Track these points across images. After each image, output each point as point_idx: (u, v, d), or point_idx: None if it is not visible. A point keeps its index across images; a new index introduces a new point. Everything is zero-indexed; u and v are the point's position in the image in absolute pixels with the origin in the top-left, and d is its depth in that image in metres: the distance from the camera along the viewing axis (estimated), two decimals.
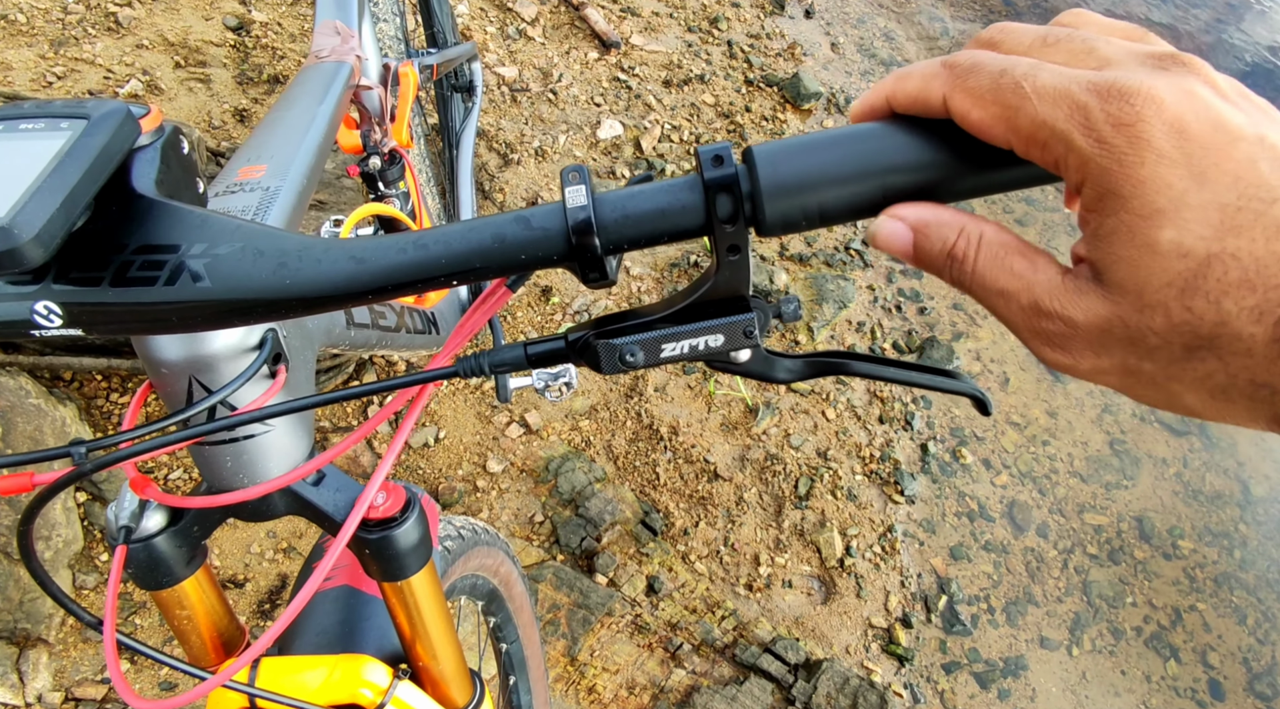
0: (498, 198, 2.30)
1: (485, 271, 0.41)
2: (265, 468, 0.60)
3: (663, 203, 0.40)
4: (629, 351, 0.41)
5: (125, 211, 0.45)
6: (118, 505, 0.61)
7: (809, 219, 0.40)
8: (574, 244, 0.40)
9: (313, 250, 0.42)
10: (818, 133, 0.40)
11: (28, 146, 0.42)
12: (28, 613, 1.39)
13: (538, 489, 1.87)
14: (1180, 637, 2.09)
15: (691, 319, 0.41)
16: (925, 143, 0.39)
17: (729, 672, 1.69)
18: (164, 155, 0.47)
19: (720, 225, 0.40)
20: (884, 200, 0.40)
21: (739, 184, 0.39)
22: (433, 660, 0.71)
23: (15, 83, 1.94)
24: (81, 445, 0.47)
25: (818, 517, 2.01)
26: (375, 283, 0.40)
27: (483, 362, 0.44)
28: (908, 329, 2.45)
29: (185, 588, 0.65)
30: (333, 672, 0.66)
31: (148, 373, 0.55)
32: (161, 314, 0.43)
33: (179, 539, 0.63)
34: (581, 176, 0.40)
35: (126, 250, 0.44)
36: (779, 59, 3.00)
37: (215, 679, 0.53)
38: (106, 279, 0.43)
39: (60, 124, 0.43)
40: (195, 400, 0.55)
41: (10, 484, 0.45)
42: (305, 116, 0.83)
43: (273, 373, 0.58)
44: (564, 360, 0.43)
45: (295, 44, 2.39)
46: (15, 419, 1.41)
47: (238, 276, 0.42)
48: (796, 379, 0.44)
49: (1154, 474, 2.34)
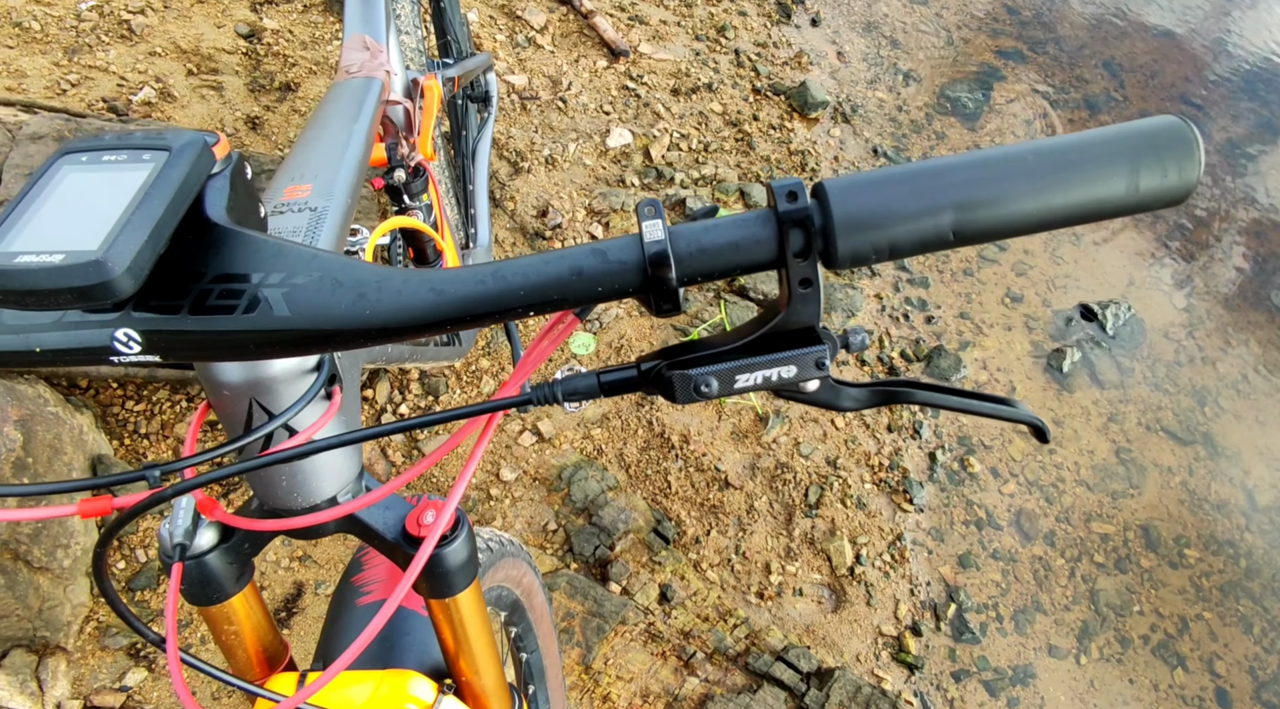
0: (508, 206, 2.31)
1: (562, 303, 0.42)
2: (319, 487, 0.61)
3: (736, 236, 0.41)
4: (704, 382, 0.42)
5: (201, 240, 0.45)
6: (171, 523, 0.61)
7: (879, 253, 0.41)
8: (650, 276, 0.41)
9: (391, 281, 0.42)
10: (888, 168, 0.41)
11: (112, 178, 0.43)
12: (46, 621, 1.39)
13: (551, 497, 1.87)
14: (1187, 645, 2.10)
15: (763, 350, 0.42)
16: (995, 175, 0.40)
17: (742, 680, 1.70)
18: (233, 183, 0.48)
19: (793, 259, 0.41)
20: (954, 237, 0.41)
21: (812, 219, 0.40)
22: (475, 676, 0.71)
23: (30, 90, 1.94)
24: (156, 469, 0.47)
25: (828, 525, 2.02)
26: (455, 314, 0.41)
27: (556, 390, 0.44)
28: (915, 338, 2.46)
29: (234, 604, 0.66)
30: (379, 687, 0.67)
31: (208, 394, 0.56)
32: (239, 342, 0.43)
33: (230, 556, 0.64)
34: (657, 211, 0.41)
35: (204, 279, 0.44)
36: (786, 68, 3.02)
37: (298, 696, 0.54)
38: (185, 307, 0.44)
39: (143, 156, 0.44)
40: (255, 421, 0.55)
41: (92, 507, 0.46)
42: (343, 134, 0.84)
43: (328, 394, 0.58)
44: (636, 389, 0.44)
45: (306, 51, 2.40)
46: (35, 427, 1.42)
47: (316, 306, 0.42)
48: (862, 407, 0.45)
49: (1160, 483, 2.36)
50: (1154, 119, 0.41)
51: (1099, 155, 0.40)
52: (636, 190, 2.45)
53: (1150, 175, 0.40)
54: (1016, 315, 2.61)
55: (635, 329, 2.20)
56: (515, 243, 2.26)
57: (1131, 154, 0.40)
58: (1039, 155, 0.40)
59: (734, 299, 2.32)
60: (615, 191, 2.41)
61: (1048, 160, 0.40)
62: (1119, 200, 0.40)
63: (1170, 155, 0.40)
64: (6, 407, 1.38)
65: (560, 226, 2.29)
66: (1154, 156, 0.40)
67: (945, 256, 2.72)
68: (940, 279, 2.64)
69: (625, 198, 2.40)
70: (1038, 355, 2.53)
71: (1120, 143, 0.40)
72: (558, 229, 2.28)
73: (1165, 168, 0.40)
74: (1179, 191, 0.40)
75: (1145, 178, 0.40)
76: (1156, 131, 0.40)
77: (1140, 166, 0.40)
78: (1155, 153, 0.40)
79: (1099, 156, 0.40)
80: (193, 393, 1.78)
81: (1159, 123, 0.41)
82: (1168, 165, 0.40)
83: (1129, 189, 0.40)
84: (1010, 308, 2.62)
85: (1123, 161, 0.40)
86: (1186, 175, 0.40)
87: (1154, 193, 0.40)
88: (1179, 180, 0.40)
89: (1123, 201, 0.40)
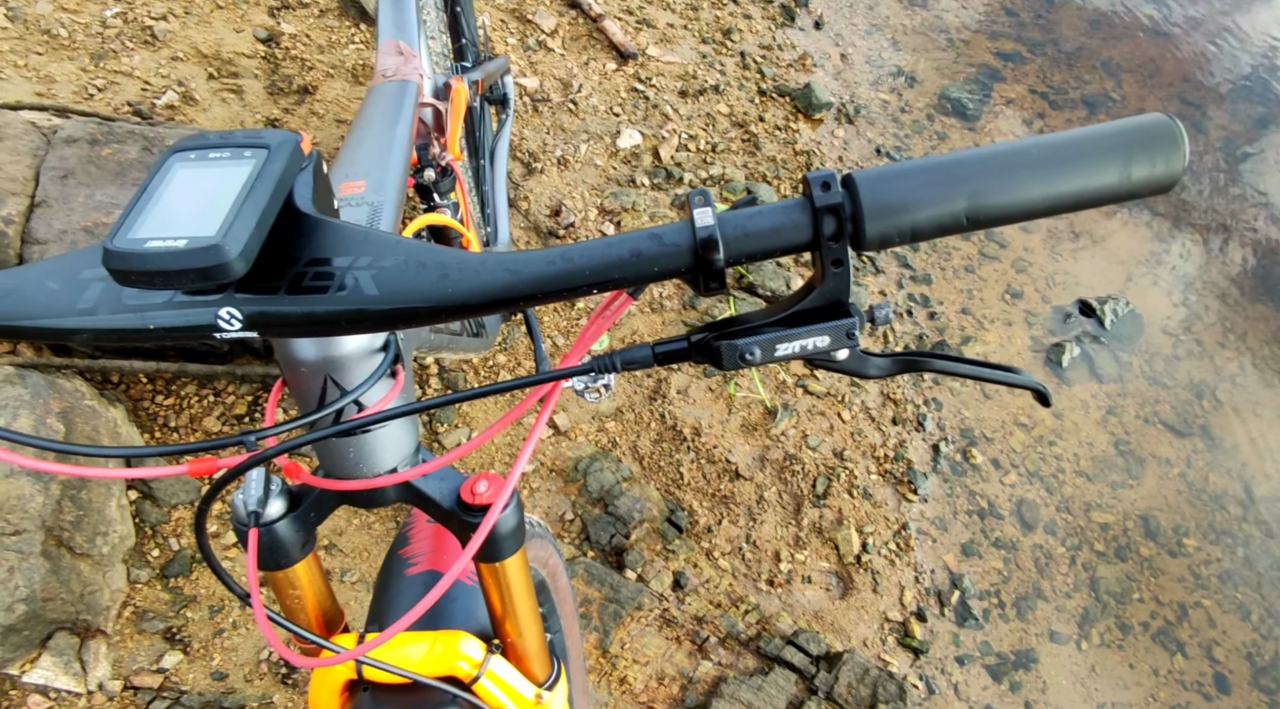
0: (523, 206, 2.37)
1: (622, 281, 0.47)
2: (382, 458, 0.66)
3: (776, 222, 0.46)
4: (748, 351, 0.47)
5: (293, 228, 0.51)
6: (245, 492, 0.67)
7: (901, 236, 0.46)
8: (700, 258, 0.46)
9: (470, 262, 0.48)
10: (910, 161, 0.47)
11: (220, 173, 0.49)
12: (88, 605, 1.45)
13: (567, 488, 1.93)
14: (1186, 632, 2.16)
15: (800, 323, 0.48)
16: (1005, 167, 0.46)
17: (753, 663, 1.76)
18: (316, 176, 0.53)
19: (826, 242, 0.46)
20: (968, 222, 0.47)
21: (843, 207, 0.46)
22: (519, 637, 0.77)
23: (59, 95, 2.00)
24: (251, 435, 0.53)
25: (835, 515, 2.07)
26: (528, 290, 0.47)
27: (615, 359, 0.50)
28: (919, 333, 2.51)
29: (299, 570, 0.71)
30: (433, 646, 0.72)
31: (284, 372, 0.62)
32: (332, 319, 0.49)
33: (297, 524, 0.69)
34: (706, 200, 0.47)
35: (299, 263, 0.50)
36: (790, 69, 3.08)
37: (363, 648, 0.59)
38: (283, 288, 0.49)
39: (244, 153, 0.50)
40: (329, 397, 0.61)
41: (200, 467, 0.51)
42: (388, 135, 0.90)
43: (393, 372, 0.64)
44: (686, 359, 0.50)
45: (323, 55, 2.46)
46: (75, 420, 1.47)
47: (403, 286, 0.48)
48: (885, 375, 0.50)
49: (1158, 474, 2.41)
50: (1144, 116, 0.47)
51: (1096, 149, 0.46)
52: (646, 190, 2.50)
53: (1141, 166, 0.45)
54: (1017, 311, 2.66)
55: (647, 325, 2.26)
56: (530, 242, 2.31)
57: (1125, 148, 0.46)
58: (1042, 149, 0.46)
59: (742, 295, 2.38)
60: (626, 191, 2.47)
61: (1050, 153, 0.46)
62: (1113, 188, 0.46)
63: (1159, 148, 0.45)
64: (50, 399, 1.44)
65: (573, 225, 2.34)
66: (1144, 150, 0.45)
67: (947, 253, 2.77)
68: (942, 275, 2.70)
69: (636, 197, 2.46)
70: (1037, 350, 2.59)
71: (1115, 137, 0.46)
72: (570, 228, 2.34)
73: (1154, 160, 0.45)
74: (1167, 180, 0.46)
75: (1137, 168, 0.45)
76: (1147, 127, 0.46)
77: (1132, 158, 0.45)
78: (1146, 146, 0.45)
79: (1096, 150, 0.46)
80: (219, 388, 1.83)
81: (1149, 120, 0.46)
82: (1156, 157, 0.45)
83: (1122, 178, 0.45)
84: (1010, 304, 2.68)
85: (1117, 154, 0.45)
86: (1173, 166, 0.45)
87: (1144, 181, 0.46)
88: (1166, 171, 0.46)
89: (1116, 189, 0.46)
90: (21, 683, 1.40)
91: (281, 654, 0.59)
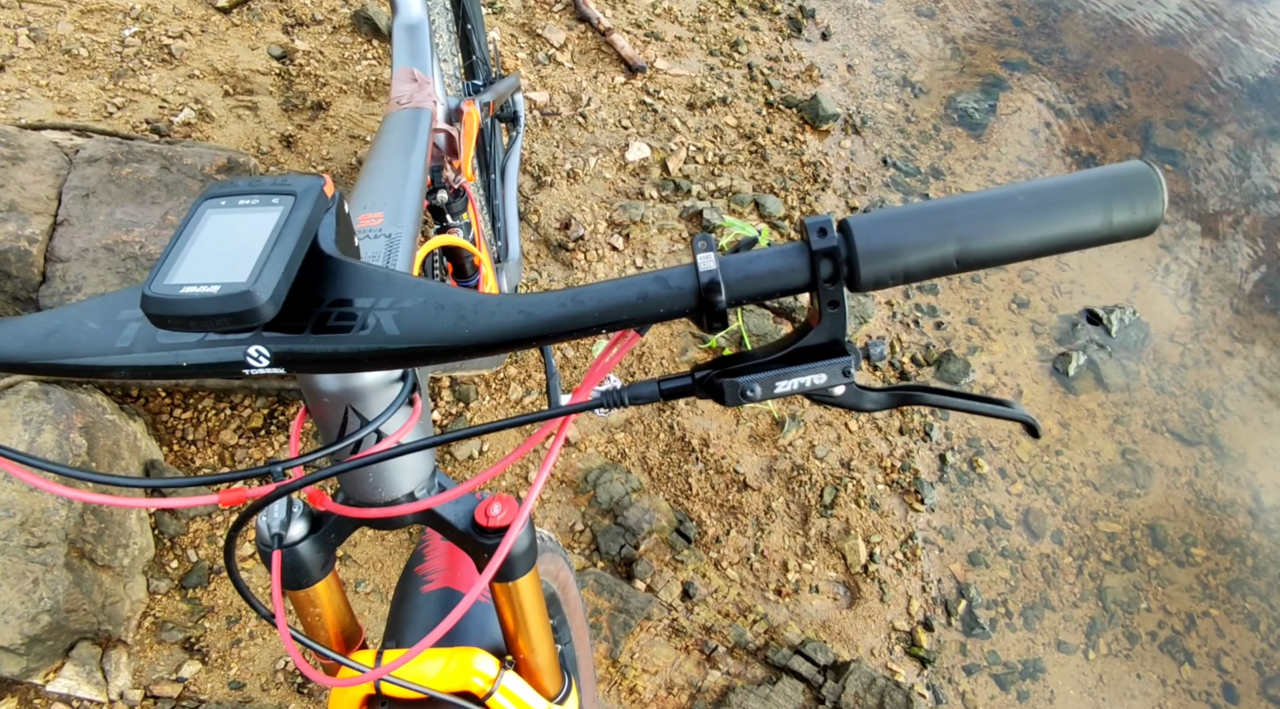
0: (532, 219, 2.40)
1: (630, 322, 0.50)
2: (400, 483, 0.69)
3: (776, 265, 0.49)
4: (749, 388, 0.50)
5: (318, 269, 0.54)
6: (269, 516, 0.69)
7: (895, 278, 0.49)
8: (703, 300, 0.49)
9: (485, 305, 0.50)
10: (903, 206, 0.49)
11: (250, 219, 0.51)
12: (109, 615, 1.48)
13: (577, 499, 1.95)
14: (1194, 641, 2.16)
15: (798, 361, 0.50)
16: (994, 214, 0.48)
17: (761, 673, 1.78)
18: (338, 218, 0.56)
19: (823, 284, 0.49)
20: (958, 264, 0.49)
21: (839, 251, 0.48)
22: (531, 653, 0.79)
23: (79, 113, 2.05)
24: (278, 466, 0.56)
25: (842, 525, 2.09)
26: (541, 331, 0.49)
27: (623, 395, 0.52)
28: (925, 343, 2.53)
29: (319, 589, 0.73)
30: (449, 662, 0.75)
31: (307, 402, 0.64)
32: (355, 357, 0.51)
33: (318, 546, 0.72)
34: (710, 245, 0.49)
35: (323, 303, 0.53)
36: (797, 81, 3.10)
37: (385, 668, 0.61)
38: (308, 327, 0.52)
39: (272, 200, 0.52)
40: (350, 426, 0.63)
41: (230, 497, 0.54)
42: (403, 165, 0.93)
43: (410, 401, 0.66)
44: (690, 395, 0.52)
45: (336, 71, 2.50)
46: (97, 434, 1.51)
47: (423, 326, 0.51)
48: (880, 408, 0.53)
49: (1166, 483, 2.42)
50: (1125, 164, 0.49)
51: (1079, 195, 0.48)
52: (655, 202, 2.53)
53: (1122, 212, 0.48)
54: (1023, 320, 2.68)
55: (655, 337, 2.28)
56: (540, 255, 2.34)
57: (1106, 194, 0.48)
58: (1028, 196, 0.48)
59: (750, 307, 2.40)
60: (635, 204, 2.50)
61: (1036, 200, 0.48)
62: (1096, 233, 0.48)
63: (1139, 195, 0.48)
64: (72, 414, 1.48)
65: (583, 238, 2.37)
66: (1125, 197, 0.48)
67: None
68: (949, 286, 2.72)
69: (645, 210, 2.48)
70: (1044, 359, 2.60)
71: (1097, 185, 0.48)
72: (580, 241, 2.37)
73: (1134, 206, 0.48)
74: (1146, 226, 0.48)
75: (1118, 214, 0.48)
76: (1127, 175, 0.48)
77: (1114, 205, 0.48)
78: (1126, 193, 0.48)
79: (1079, 196, 0.48)
80: (235, 401, 1.87)
81: (1130, 167, 0.49)
82: (1136, 204, 0.48)
83: (1104, 224, 0.48)
84: (1017, 313, 2.69)
85: (1099, 200, 0.48)
86: (1152, 212, 0.48)
87: (1125, 227, 0.48)
88: (1146, 216, 0.48)
89: (1099, 234, 0.48)
90: (45, 692, 1.44)
91: (306, 673, 0.61)
